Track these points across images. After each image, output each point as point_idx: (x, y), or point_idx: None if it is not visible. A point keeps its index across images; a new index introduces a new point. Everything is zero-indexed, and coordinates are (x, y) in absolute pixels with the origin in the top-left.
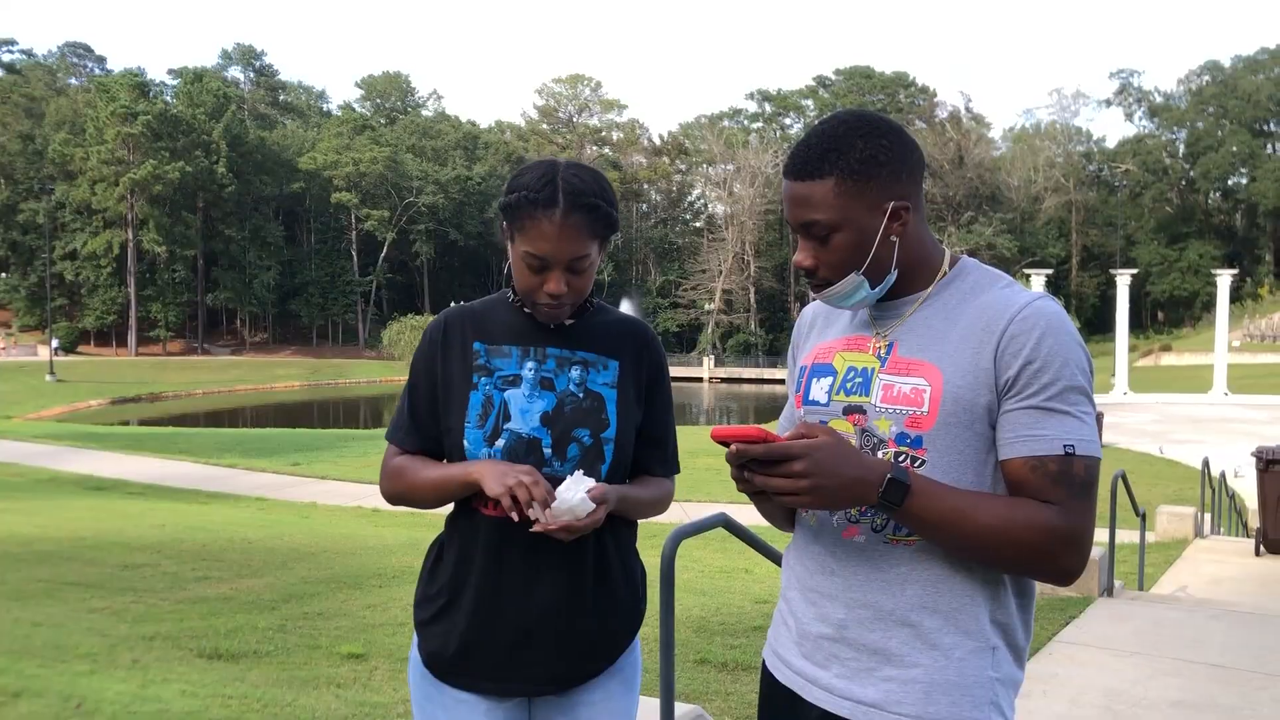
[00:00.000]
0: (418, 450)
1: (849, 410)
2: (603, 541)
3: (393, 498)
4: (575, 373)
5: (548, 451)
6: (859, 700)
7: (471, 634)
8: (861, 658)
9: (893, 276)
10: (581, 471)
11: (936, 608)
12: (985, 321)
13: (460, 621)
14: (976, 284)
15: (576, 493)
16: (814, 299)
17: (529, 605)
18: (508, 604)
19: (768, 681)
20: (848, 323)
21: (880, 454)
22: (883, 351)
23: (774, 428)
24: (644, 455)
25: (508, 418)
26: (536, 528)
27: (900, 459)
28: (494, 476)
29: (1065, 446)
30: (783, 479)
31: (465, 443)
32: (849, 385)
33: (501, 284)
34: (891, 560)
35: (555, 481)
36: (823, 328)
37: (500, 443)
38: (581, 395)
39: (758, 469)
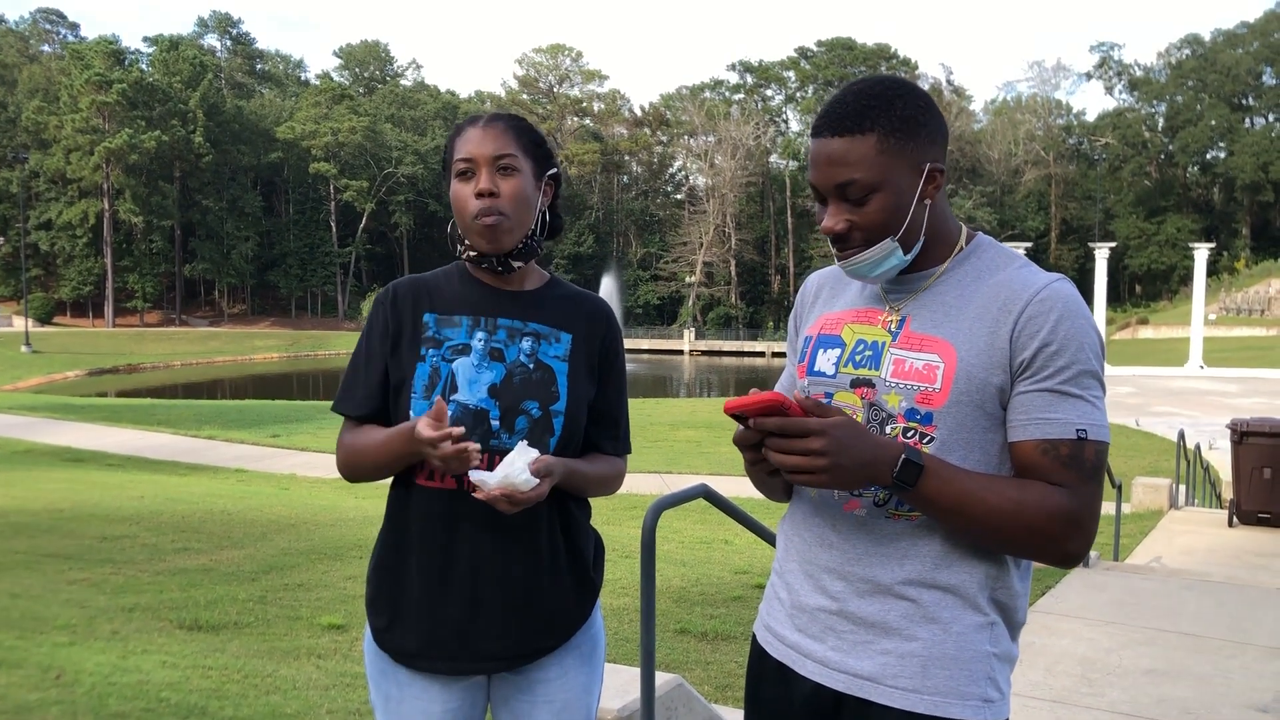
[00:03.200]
0: (368, 418)
1: (857, 383)
2: (550, 517)
3: (348, 473)
4: (526, 344)
5: (495, 423)
6: (854, 673)
7: (417, 615)
8: (859, 631)
9: (920, 244)
10: (526, 443)
11: (936, 582)
12: (1002, 301)
13: (405, 602)
14: (993, 262)
15: (519, 464)
16: (840, 265)
17: (472, 582)
18: (449, 580)
19: (757, 656)
20: (857, 294)
21: (889, 429)
22: (894, 325)
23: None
24: (594, 433)
25: (455, 389)
26: (478, 494)
27: (909, 435)
28: (423, 433)
29: (1078, 430)
30: (800, 456)
31: (411, 414)
32: (858, 358)
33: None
34: (892, 534)
35: (503, 454)
36: (829, 298)
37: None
38: (532, 367)
39: (772, 443)
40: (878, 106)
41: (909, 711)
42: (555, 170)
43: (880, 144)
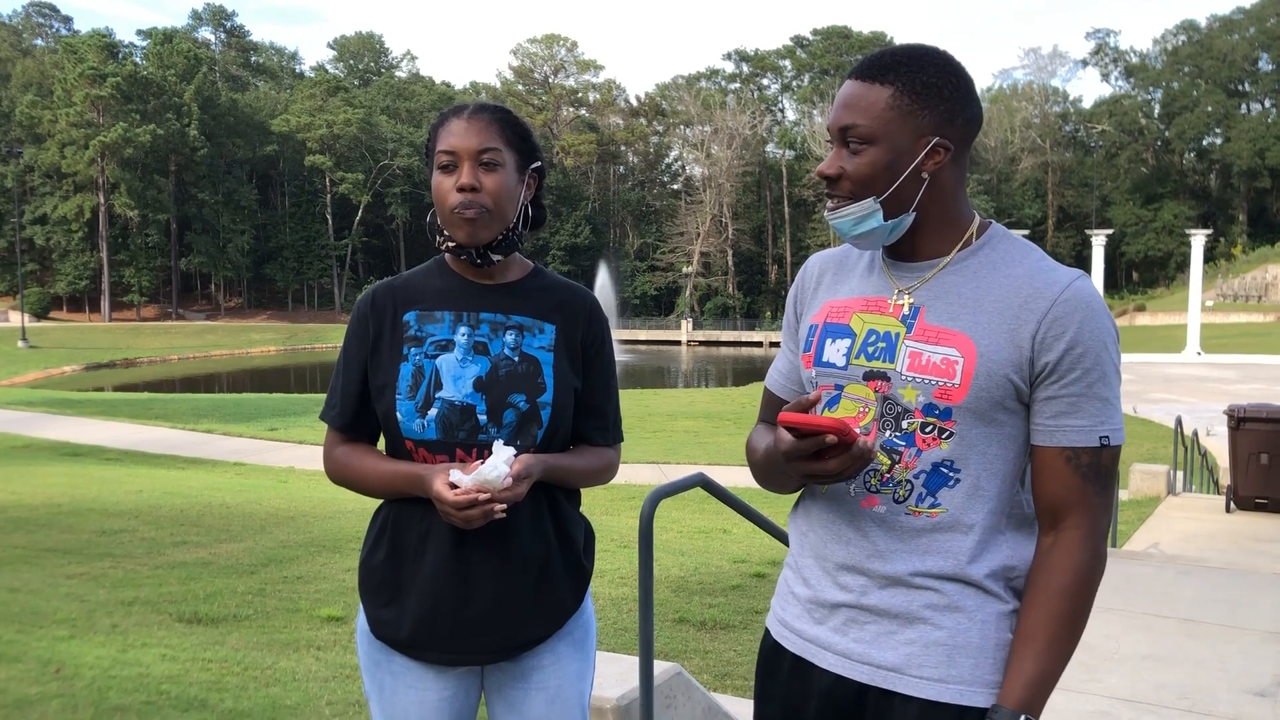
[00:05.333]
0: (353, 427)
1: (870, 376)
2: (540, 506)
3: (338, 484)
4: (510, 337)
5: (483, 418)
6: (878, 664)
7: (411, 605)
8: (881, 622)
9: (908, 219)
10: (501, 442)
11: (958, 575)
12: (1024, 298)
13: (399, 592)
14: (1008, 254)
15: (495, 464)
16: (827, 214)
17: (465, 572)
18: (442, 570)
19: (770, 650)
20: (862, 279)
21: (905, 423)
22: (906, 313)
23: (758, 390)
24: (582, 424)
25: (439, 386)
26: (456, 494)
27: (928, 430)
28: (441, 494)
29: (1101, 438)
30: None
31: (398, 415)
32: (870, 349)
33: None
34: (913, 531)
35: (490, 448)
36: (832, 284)
37: (433, 412)
38: (517, 359)
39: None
40: (906, 64)
41: (934, 701)
42: (539, 164)
43: (893, 99)
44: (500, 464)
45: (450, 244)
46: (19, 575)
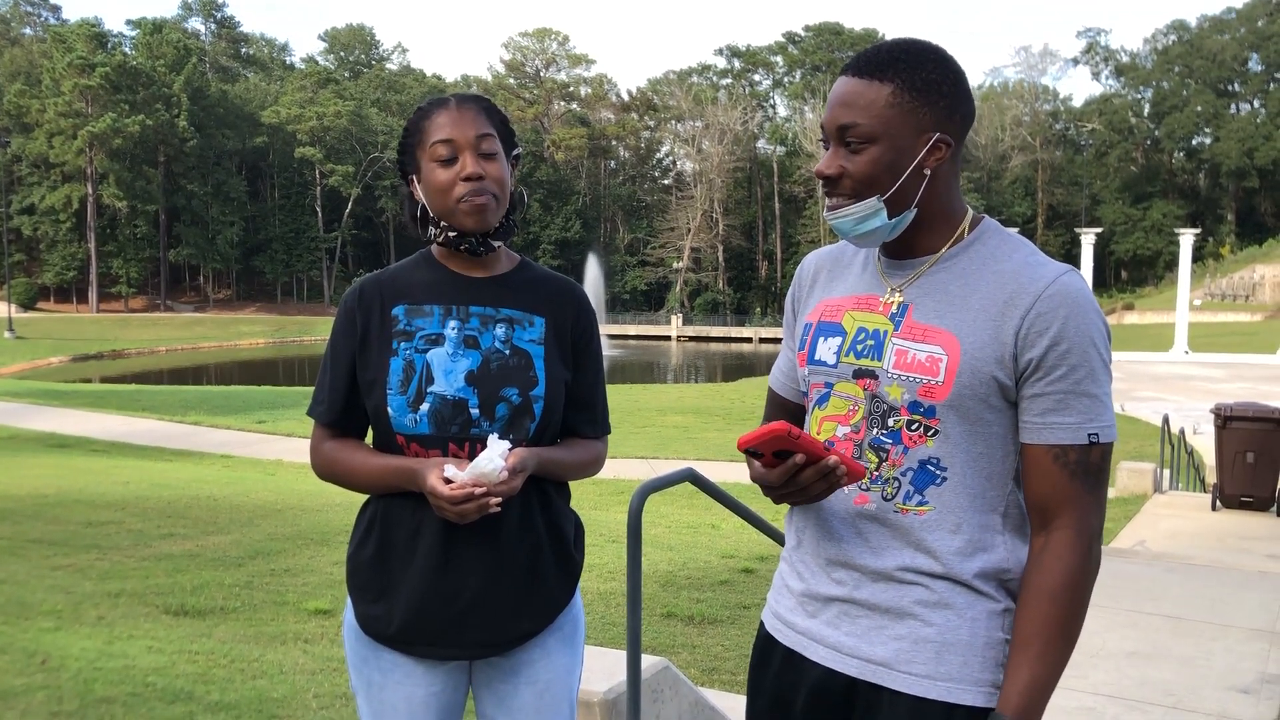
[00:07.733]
0: (341, 422)
1: (859, 374)
2: (530, 502)
3: (327, 480)
4: (500, 330)
5: (475, 412)
6: (867, 658)
7: (401, 601)
8: (872, 616)
9: (910, 215)
10: (496, 435)
11: (949, 573)
12: (1009, 294)
13: (389, 587)
14: (998, 249)
15: (491, 457)
16: (826, 215)
17: (458, 571)
18: (435, 570)
19: (764, 642)
20: (856, 278)
21: (891, 421)
22: (895, 312)
23: (759, 384)
24: (572, 416)
25: (431, 380)
26: (451, 489)
27: (914, 428)
28: (436, 488)
29: (1090, 435)
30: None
31: (389, 410)
32: (859, 347)
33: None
34: (903, 528)
35: (483, 443)
36: (827, 282)
37: (425, 407)
38: (508, 352)
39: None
40: (905, 61)
41: (921, 698)
42: (519, 151)
43: (893, 97)
44: (496, 457)
45: (452, 233)
46: (5, 566)
